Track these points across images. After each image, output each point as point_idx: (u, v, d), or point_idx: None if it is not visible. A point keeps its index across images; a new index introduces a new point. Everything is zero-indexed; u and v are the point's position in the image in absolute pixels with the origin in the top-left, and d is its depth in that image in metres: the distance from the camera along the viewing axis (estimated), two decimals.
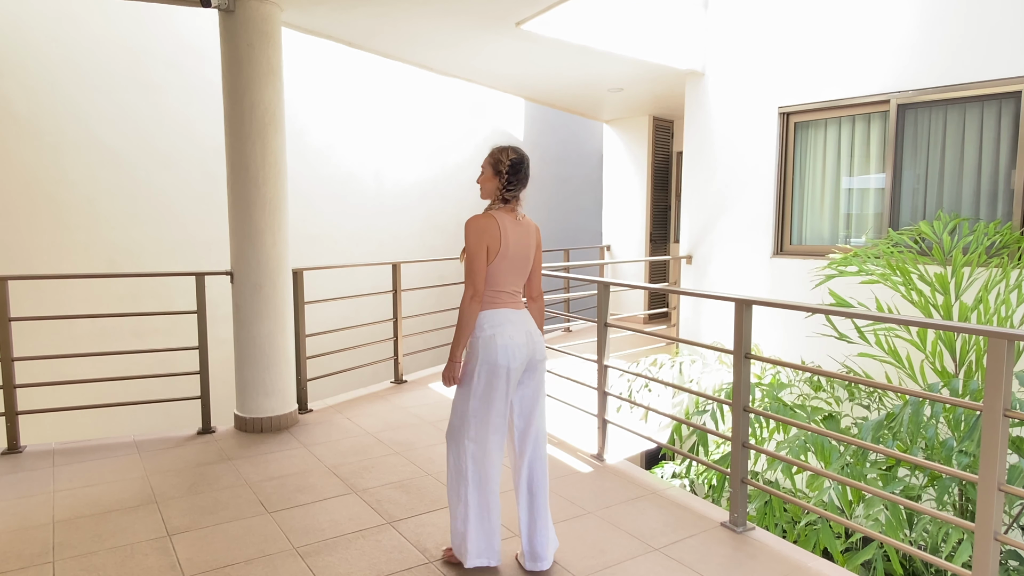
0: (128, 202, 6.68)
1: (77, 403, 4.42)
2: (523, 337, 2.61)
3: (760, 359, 3.10)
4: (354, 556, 2.83)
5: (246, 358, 4.51)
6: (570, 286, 9.03)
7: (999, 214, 4.92)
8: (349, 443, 4.29)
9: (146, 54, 6.70)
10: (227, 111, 4.40)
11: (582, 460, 3.97)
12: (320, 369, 5.75)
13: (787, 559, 2.81)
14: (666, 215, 9.32)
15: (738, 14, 6.33)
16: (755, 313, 3.11)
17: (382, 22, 5.03)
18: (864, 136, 5.61)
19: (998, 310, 4.03)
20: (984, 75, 4.83)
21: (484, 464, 2.61)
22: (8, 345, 4.01)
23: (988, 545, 2.22)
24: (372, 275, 8.30)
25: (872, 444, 2.78)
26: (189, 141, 6.99)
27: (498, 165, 2.62)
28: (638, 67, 6.48)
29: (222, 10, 4.27)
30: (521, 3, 4.64)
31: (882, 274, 4.42)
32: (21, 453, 4.10)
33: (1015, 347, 2.21)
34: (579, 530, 3.06)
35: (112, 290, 6.54)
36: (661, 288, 3.75)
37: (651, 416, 5.21)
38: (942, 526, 3.30)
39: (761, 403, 4.33)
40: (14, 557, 2.83)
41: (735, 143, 6.42)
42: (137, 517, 3.21)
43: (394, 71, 8.94)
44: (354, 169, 8.69)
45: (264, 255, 4.45)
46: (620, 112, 8.96)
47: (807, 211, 6.05)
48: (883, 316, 2.68)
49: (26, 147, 6.07)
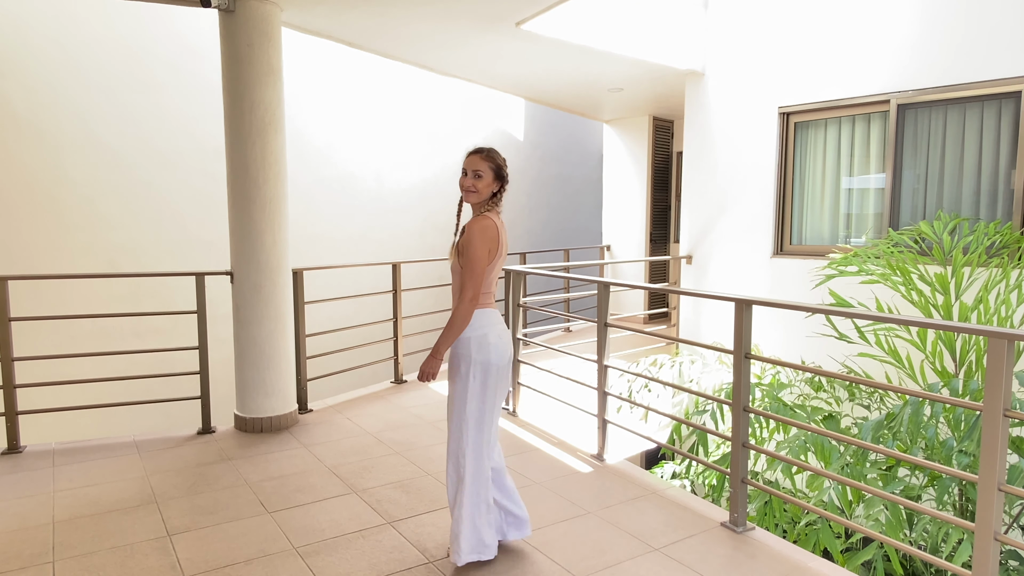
0: (128, 202, 6.68)
1: (77, 403, 4.42)
2: (508, 335, 2.73)
3: (760, 359, 3.10)
4: (354, 556, 2.83)
5: (246, 358, 4.51)
6: (570, 286, 9.03)
7: (999, 214, 4.92)
8: (349, 443, 4.29)
9: (146, 54, 6.70)
10: (227, 111, 4.40)
11: (582, 460, 3.97)
12: (320, 369, 5.74)
13: (787, 559, 2.81)
14: (666, 215, 9.32)
15: (738, 14, 6.33)
16: (755, 313, 3.11)
17: (382, 22, 5.03)
18: (864, 136, 5.61)
19: (998, 310, 4.03)
20: (984, 75, 4.83)
21: (482, 462, 2.65)
22: (8, 345, 4.01)
23: (988, 545, 2.22)
24: (372, 275, 8.30)
25: (872, 444, 2.78)
26: (189, 141, 6.99)
27: (501, 170, 2.67)
28: (638, 67, 6.48)
29: (222, 10, 4.27)
30: (521, 3, 4.65)
31: (882, 274, 4.42)
32: (21, 453, 4.10)
33: (1015, 347, 2.21)
34: (579, 530, 3.06)
35: (112, 290, 6.54)
36: (661, 288, 3.75)
37: (651, 416, 5.21)
38: (942, 526, 3.30)
39: (761, 403, 4.33)
40: (14, 557, 2.83)
41: (735, 143, 6.42)
42: (137, 517, 3.21)
43: (394, 71, 8.94)
44: (354, 169, 8.69)
45: (264, 255, 4.45)
46: (620, 112, 8.96)
47: (807, 211, 6.05)
48: (883, 316, 2.68)
49: (26, 147, 6.07)
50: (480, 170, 2.63)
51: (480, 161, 2.64)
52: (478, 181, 2.63)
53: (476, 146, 2.71)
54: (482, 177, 2.63)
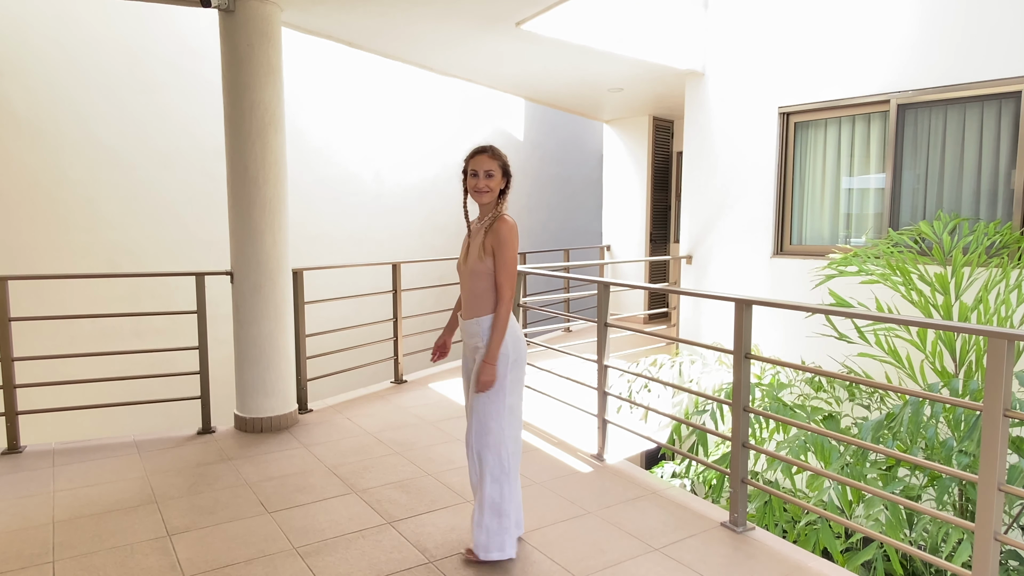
0: (128, 202, 6.68)
1: (77, 403, 4.42)
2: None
3: (760, 359, 3.10)
4: (354, 556, 2.83)
5: (246, 358, 4.51)
6: (570, 286, 9.04)
7: (999, 214, 4.92)
8: (349, 443, 4.29)
9: (146, 54, 6.70)
10: (227, 111, 4.40)
11: (582, 460, 3.97)
12: (320, 369, 5.75)
13: (787, 559, 2.81)
14: (666, 215, 9.32)
15: (738, 14, 6.33)
16: (755, 313, 3.11)
17: (382, 22, 5.03)
18: (864, 136, 5.61)
19: (998, 310, 4.03)
20: (984, 75, 4.83)
21: (519, 456, 2.76)
22: (8, 345, 4.01)
23: (988, 545, 2.22)
24: (372, 275, 8.30)
25: (872, 444, 2.78)
26: (189, 141, 6.99)
27: (507, 166, 2.68)
28: (638, 67, 6.48)
29: (222, 10, 4.27)
30: (521, 3, 4.65)
31: (882, 274, 4.42)
32: (21, 453, 4.10)
33: (1015, 347, 2.21)
34: (579, 530, 3.06)
35: (112, 290, 6.54)
36: (661, 288, 3.75)
37: (651, 416, 5.21)
38: (942, 526, 3.30)
39: (761, 403, 4.33)
40: (14, 557, 2.83)
41: (735, 143, 6.42)
42: (137, 517, 3.21)
43: (394, 71, 8.94)
44: (354, 169, 8.69)
45: (264, 255, 4.45)
46: (620, 112, 8.96)
47: (807, 211, 6.05)
48: (883, 316, 2.68)
49: (26, 147, 6.07)
50: (491, 169, 2.62)
51: (489, 160, 2.63)
52: (490, 180, 2.63)
53: (479, 146, 2.68)
54: (493, 176, 2.63)
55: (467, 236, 2.81)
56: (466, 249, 2.74)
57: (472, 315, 2.69)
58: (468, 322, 2.71)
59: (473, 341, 2.72)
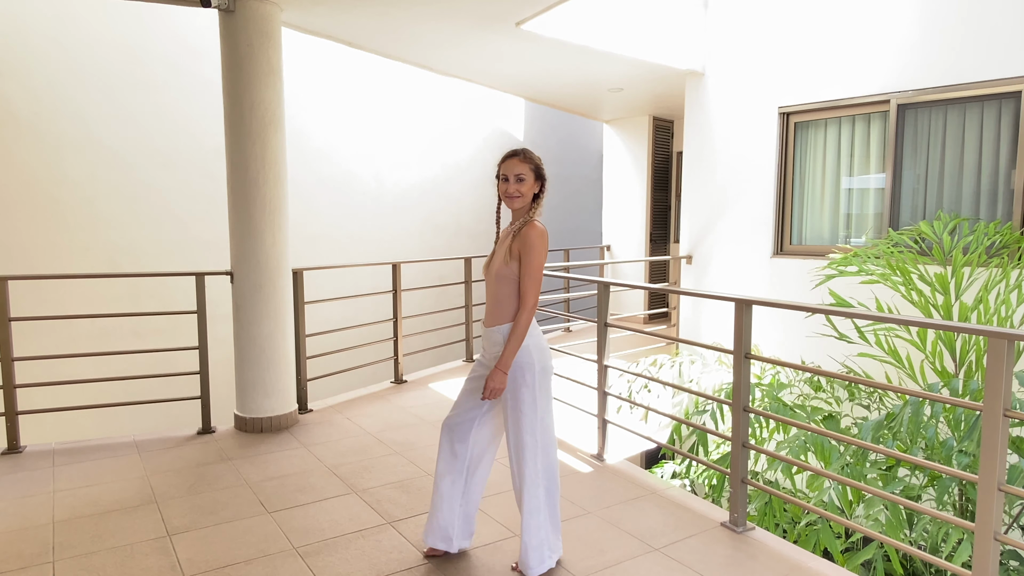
0: (128, 202, 6.68)
1: (77, 403, 4.42)
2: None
3: (760, 359, 3.10)
4: (354, 556, 2.83)
5: (246, 358, 4.51)
6: (570, 286, 9.03)
7: (999, 214, 4.92)
8: (349, 443, 4.29)
9: (146, 54, 6.70)
10: (227, 111, 4.40)
11: (582, 460, 3.97)
12: (320, 369, 5.74)
13: (787, 559, 2.81)
14: (666, 215, 9.32)
15: (738, 14, 6.33)
16: (755, 313, 3.11)
17: (382, 22, 5.03)
18: (864, 136, 5.61)
19: (998, 310, 4.03)
20: (984, 75, 4.83)
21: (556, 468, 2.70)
22: (8, 345, 4.01)
23: (988, 545, 2.22)
24: (372, 275, 8.30)
25: (872, 444, 2.78)
26: (189, 141, 6.99)
27: (540, 170, 2.57)
28: (638, 67, 6.48)
29: (222, 10, 4.27)
30: (521, 3, 4.65)
31: (882, 274, 4.42)
32: (21, 453, 4.10)
33: (1015, 347, 2.21)
34: (579, 530, 3.06)
35: (112, 290, 6.54)
36: (661, 288, 3.75)
37: (651, 416, 5.21)
38: (942, 526, 3.30)
39: (761, 403, 4.33)
40: (14, 557, 2.83)
41: (735, 143, 6.42)
42: (137, 517, 3.21)
43: (394, 71, 8.94)
44: (354, 169, 8.69)
45: (264, 255, 4.45)
46: (620, 112, 8.96)
47: (807, 211, 6.05)
48: (883, 316, 2.68)
49: (26, 147, 6.07)
50: (522, 173, 2.52)
51: (520, 164, 2.52)
52: (521, 185, 2.52)
53: (511, 150, 2.59)
54: (524, 180, 2.52)
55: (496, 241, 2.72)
56: (493, 253, 2.66)
57: (494, 322, 2.58)
58: (490, 330, 2.60)
59: (495, 350, 2.58)
